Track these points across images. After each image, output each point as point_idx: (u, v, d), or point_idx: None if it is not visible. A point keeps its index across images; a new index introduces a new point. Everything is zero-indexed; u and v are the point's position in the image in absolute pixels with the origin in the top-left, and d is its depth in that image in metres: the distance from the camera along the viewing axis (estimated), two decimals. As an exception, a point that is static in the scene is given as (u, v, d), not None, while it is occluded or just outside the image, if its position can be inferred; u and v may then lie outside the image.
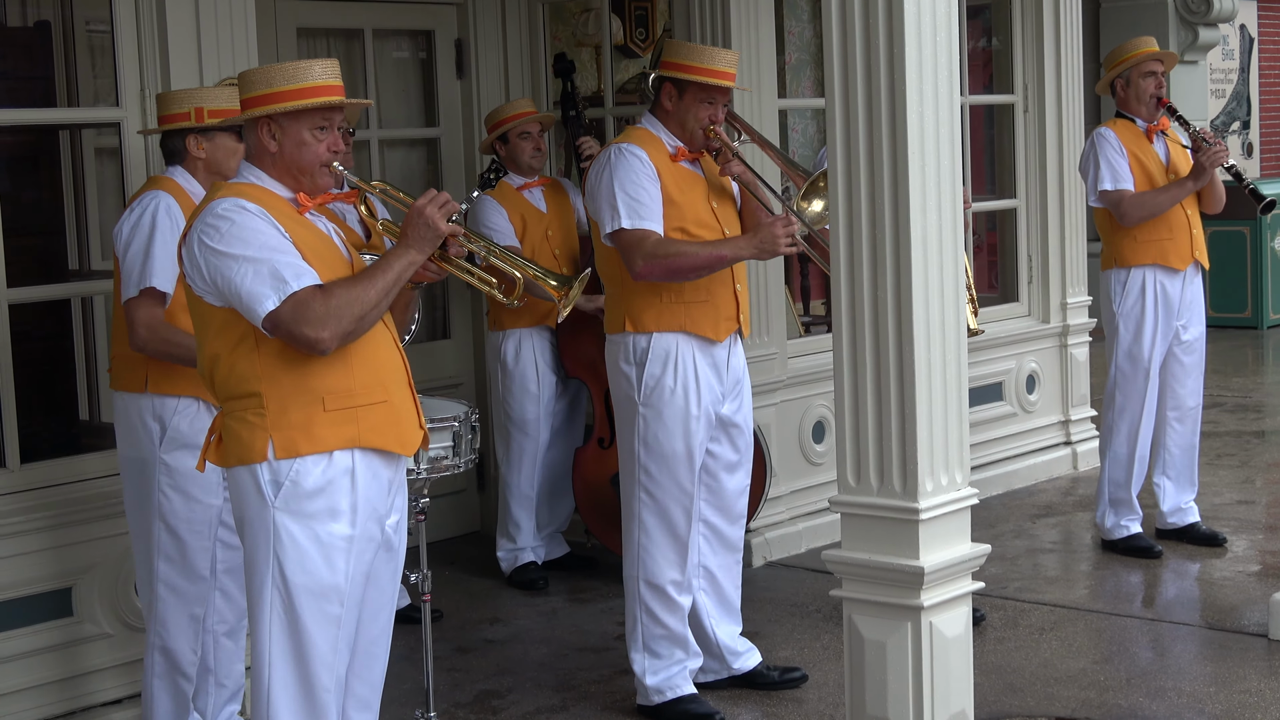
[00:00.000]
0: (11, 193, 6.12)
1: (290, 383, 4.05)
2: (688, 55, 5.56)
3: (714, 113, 5.56)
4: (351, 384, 4.11)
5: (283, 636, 4.10)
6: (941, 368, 4.33)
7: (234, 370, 4.07)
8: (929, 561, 4.29)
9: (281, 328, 3.96)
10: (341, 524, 4.09)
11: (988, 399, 8.83)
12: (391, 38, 8.21)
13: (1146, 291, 7.27)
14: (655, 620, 5.60)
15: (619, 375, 5.58)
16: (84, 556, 5.60)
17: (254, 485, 4.06)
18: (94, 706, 5.64)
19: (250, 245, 3.99)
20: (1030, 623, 6.58)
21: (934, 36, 4.27)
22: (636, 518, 5.58)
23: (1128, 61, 7.32)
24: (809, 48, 10.00)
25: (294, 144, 4.17)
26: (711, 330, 5.54)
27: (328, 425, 4.07)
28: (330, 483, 4.07)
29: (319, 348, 3.99)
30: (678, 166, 5.56)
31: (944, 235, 4.32)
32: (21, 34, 7.23)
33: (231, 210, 4.03)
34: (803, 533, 7.73)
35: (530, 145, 7.25)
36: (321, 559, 4.08)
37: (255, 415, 4.05)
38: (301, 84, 4.13)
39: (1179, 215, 7.23)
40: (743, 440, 5.75)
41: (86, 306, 6.48)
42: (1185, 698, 5.70)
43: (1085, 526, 8.10)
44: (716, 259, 5.42)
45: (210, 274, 4.01)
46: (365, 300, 4.02)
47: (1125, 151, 7.21)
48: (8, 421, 5.55)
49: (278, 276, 3.96)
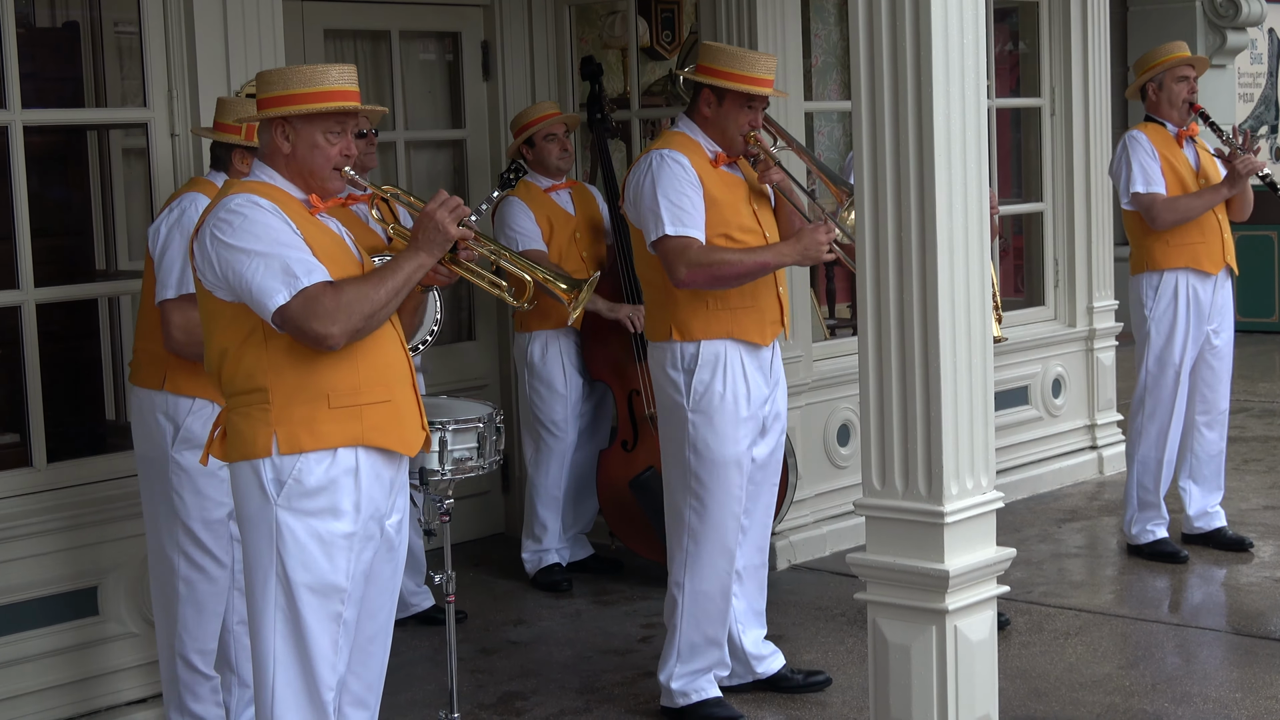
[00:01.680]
0: (39, 193, 6.12)
1: (296, 379, 4.07)
2: (728, 61, 5.48)
3: (754, 118, 5.54)
4: (356, 382, 4.13)
5: (285, 634, 4.11)
6: (967, 370, 4.31)
7: (241, 365, 4.09)
8: (954, 565, 4.28)
9: (291, 322, 3.98)
10: (344, 522, 4.11)
11: (1013, 403, 8.80)
12: (418, 39, 8.22)
13: (1179, 295, 7.24)
14: (697, 627, 5.59)
15: (665, 381, 5.54)
16: (109, 556, 5.61)
17: (256, 482, 4.08)
18: (118, 706, 5.65)
19: (262, 240, 4.01)
20: (1055, 627, 6.55)
21: (961, 39, 4.26)
22: (686, 525, 5.55)
23: (1160, 66, 7.28)
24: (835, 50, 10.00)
25: (307, 146, 4.18)
26: (758, 335, 5.53)
27: (331, 422, 4.09)
28: (333, 480, 4.09)
29: (327, 343, 4.00)
30: (718, 171, 5.54)
31: (970, 238, 4.31)
32: (50, 35, 7.25)
33: (244, 205, 4.06)
34: (827, 536, 7.72)
35: (557, 147, 7.25)
36: (323, 557, 4.10)
37: (260, 410, 4.07)
38: (318, 88, 4.14)
39: (1210, 219, 7.22)
40: (778, 441, 5.74)
41: (113, 307, 6.49)
42: (1211, 704, 5.67)
43: (1110, 531, 8.07)
44: (760, 265, 5.42)
45: (221, 268, 4.03)
46: (375, 299, 4.04)
47: (1157, 155, 7.19)
48: (34, 421, 5.57)
49: (289, 271, 3.99)
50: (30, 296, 5.58)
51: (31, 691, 5.44)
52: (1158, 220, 7.16)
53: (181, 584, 5.14)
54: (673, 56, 10.22)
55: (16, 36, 5.53)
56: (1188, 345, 7.27)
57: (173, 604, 5.16)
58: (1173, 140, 7.27)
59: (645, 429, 7.21)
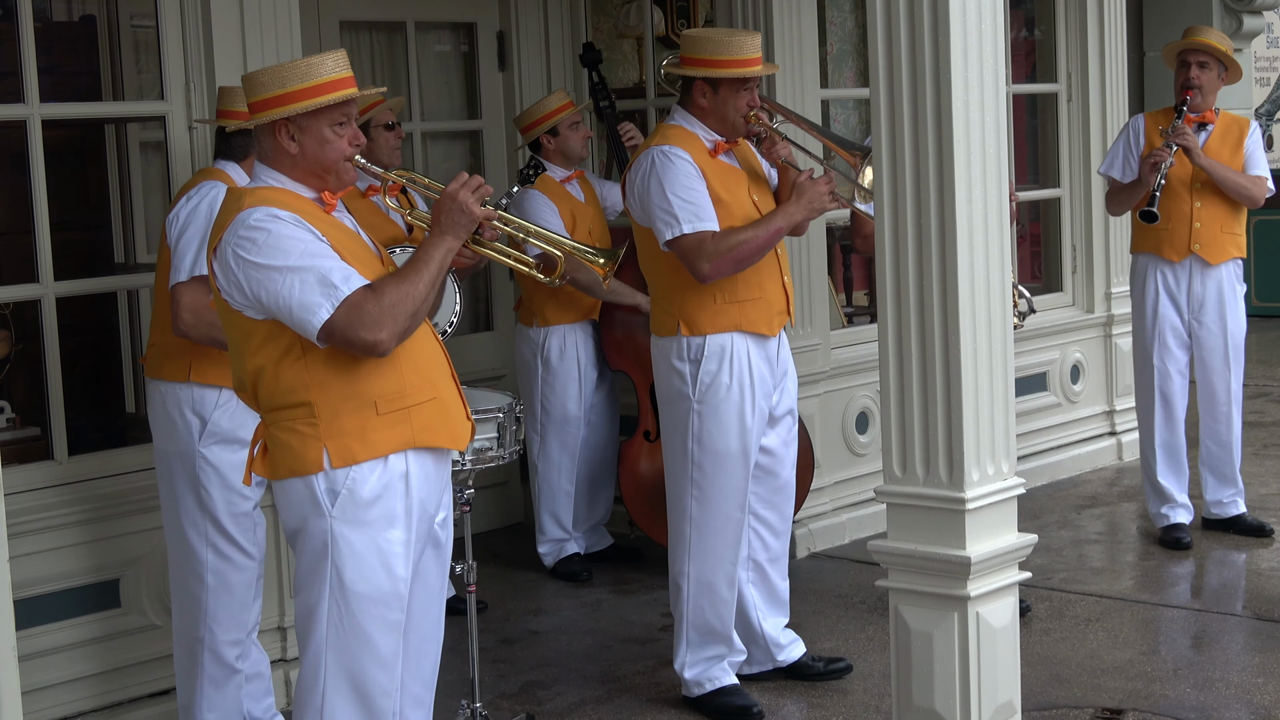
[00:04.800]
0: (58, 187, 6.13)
1: (340, 389, 3.99)
2: (715, 49, 5.43)
3: (751, 99, 5.52)
4: (402, 385, 4.05)
5: (340, 645, 4.05)
6: (988, 356, 4.31)
7: (280, 381, 4.00)
8: (975, 551, 4.28)
9: (338, 334, 3.89)
10: (398, 529, 4.06)
11: (1032, 389, 8.80)
12: (433, 30, 8.22)
13: (1147, 279, 7.37)
14: (701, 616, 5.60)
15: (670, 372, 5.53)
16: (131, 548, 5.63)
17: (309, 496, 4.01)
18: (141, 698, 5.67)
19: (291, 255, 3.90)
20: (1076, 613, 6.55)
21: (979, 24, 4.25)
22: (687, 514, 5.56)
23: (1171, 48, 7.31)
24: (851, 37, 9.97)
25: (316, 143, 4.07)
26: (765, 326, 5.52)
27: (382, 429, 4.02)
28: (386, 488, 4.03)
29: (378, 350, 3.92)
30: (718, 162, 5.52)
31: (989, 224, 4.31)
32: (67, 29, 7.27)
33: (265, 220, 3.94)
34: (846, 524, 7.72)
35: (582, 134, 7.23)
36: (381, 566, 4.04)
37: (306, 425, 3.99)
38: (316, 80, 4.02)
39: (1180, 206, 7.21)
40: (790, 431, 5.74)
41: (133, 300, 6.51)
42: (1233, 689, 5.67)
43: (1130, 517, 8.06)
44: (775, 232, 5.41)
45: (252, 288, 3.92)
46: (416, 295, 3.95)
47: (1143, 140, 7.28)
48: (55, 414, 5.58)
49: (326, 283, 3.89)
50: (50, 290, 5.59)
51: (56, 684, 5.45)
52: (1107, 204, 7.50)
53: (211, 576, 5.13)
54: (688, 46, 10.19)
55: (34, 31, 5.53)
56: (1157, 330, 7.34)
57: (199, 597, 5.15)
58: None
59: (665, 419, 7.20)
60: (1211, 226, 7.24)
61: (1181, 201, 7.21)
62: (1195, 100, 7.22)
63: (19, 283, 5.78)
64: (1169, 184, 7.16)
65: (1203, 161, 7.11)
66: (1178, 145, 7.08)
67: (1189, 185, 7.22)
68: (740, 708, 5.60)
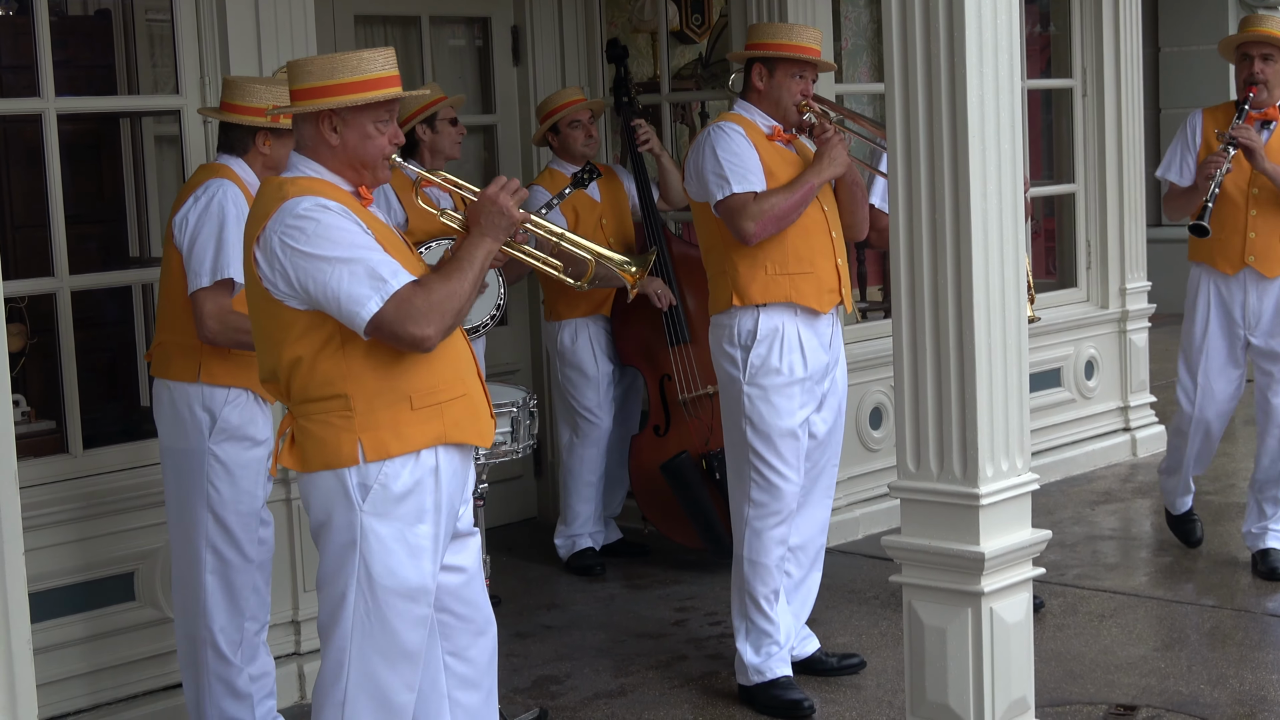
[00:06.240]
0: (73, 181, 6.16)
1: (376, 383, 4.00)
2: (774, 35, 5.68)
3: (805, 87, 5.66)
4: (435, 380, 4.07)
5: (365, 639, 4.06)
6: (1002, 351, 4.30)
7: (316, 373, 4.00)
8: (989, 547, 4.28)
9: (386, 328, 3.90)
10: (426, 524, 4.07)
11: (1046, 385, 8.78)
12: (448, 25, 8.22)
13: (1199, 292, 6.90)
14: (758, 599, 5.61)
15: (722, 356, 5.61)
16: (145, 542, 5.64)
17: (340, 489, 4.01)
18: (155, 690, 5.67)
19: (340, 245, 3.92)
20: (1090, 609, 6.54)
21: (994, 19, 4.25)
22: (747, 497, 5.61)
23: (1229, 41, 6.87)
24: (865, 33, 9.97)
25: (359, 137, 4.08)
26: (815, 301, 5.57)
27: (416, 424, 4.03)
28: (418, 483, 4.04)
29: (425, 345, 3.94)
30: (774, 145, 5.64)
31: (1004, 220, 4.30)
32: (82, 23, 7.29)
33: (314, 210, 3.94)
34: (860, 519, 7.72)
35: (581, 134, 7.24)
36: (409, 560, 4.05)
37: (341, 417, 3.99)
38: (365, 75, 4.04)
39: (1235, 216, 6.71)
40: (837, 418, 5.79)
41: (147, 294, 6.51)
42: (1247, 685, 5.66)
43: (1145, 513, 8.05)
44: (808, 189, 5.52)
45: (299, 278, 3.92)
46: (461, 293, 3.98)
47: (1200, 139, 6.82)
48: (70, 408, 5.59)
49: (376, 276, 3.90)
50: (65, 284, 5.59)
51: (71, 677, 5.46)
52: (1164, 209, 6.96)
53: (210, 576, 5.13)
54: (702, 40, 10.20)
55: (49, 25, 5.54)
56: (1208, 339, 6.87)
57: (199, 596, 5.15)
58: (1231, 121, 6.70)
59: (677, 414, 7.21)
60: (1269, 237, 6.71)
61: (1235, 210, 6.70)
62: (1260, 96, 6.68)
63: (34, 276, 5.79)
64: (1223, 189, 6.62)
65: (1265, 165, 6.54)
66: (1238, 146, 6.55)
67: (1245, 191, 6.71)
68: (791, 702, 5.60)
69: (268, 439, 5.18)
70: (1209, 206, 6.52)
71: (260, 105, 5.09)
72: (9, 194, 6.83)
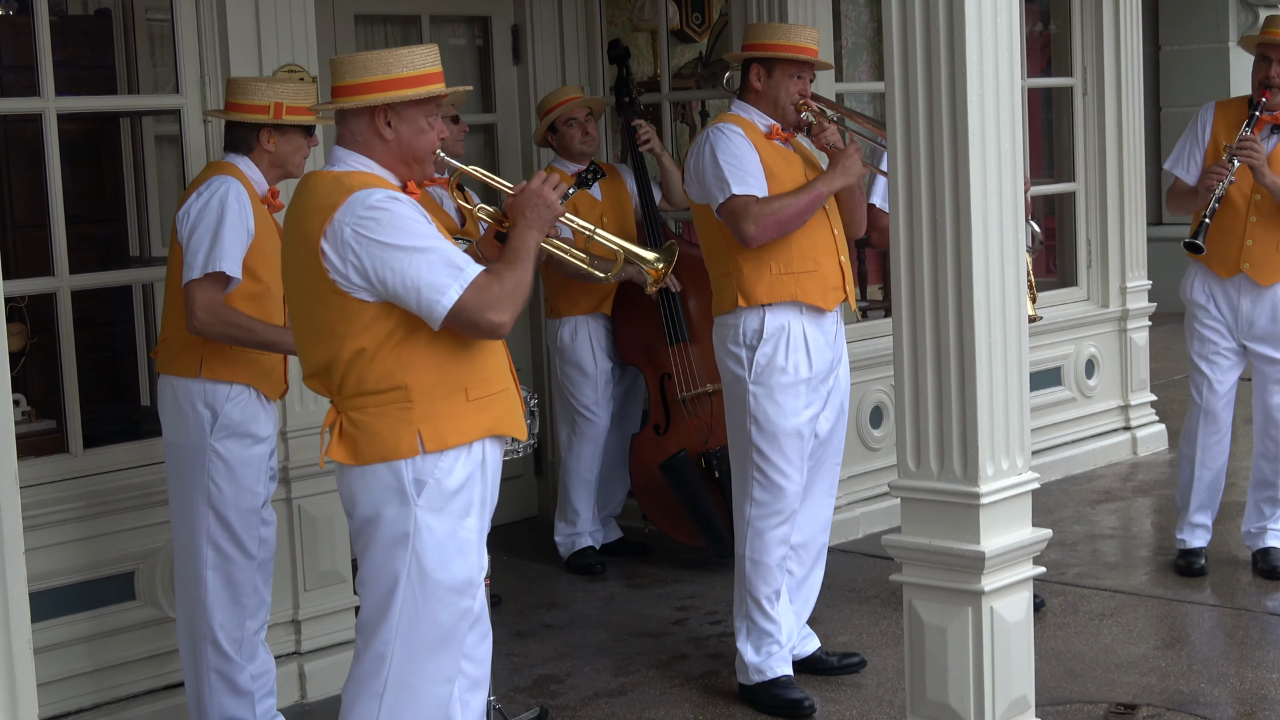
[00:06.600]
0: (73, 180, 6.15)
1: (435, 375, 4.04)
2: (772, 35, 5.71)
3: (803, 87, 5.69)
4: (486, 373, 4.13)
5: (412, 633, 4.08)
6: (1002, 350, 4.30)
7: (377, 364, 4.02)
8: (990, 546, 4.27)
9: (464, 314, 3.94)
10: (473, 518, 4.13)
11: (1047, 384, 8.78)
12: (448, 24, 8.22)
13: (1196, 291, 6.84)
14: (759, 599, 5.62)
15: (727, 355, 5.62)
16: (146, 541, 5.64)
17: (395, 483, 4.04)
18: (156, 690, 5.67)
19: (415, 235, 3.96)
20: (1090, 608, 6.54)
21: (994, 17, 4.24)
22: (750, 496, 5.61)
23: (1250, 38, 6.76)
24: (865, 32, 9.97)
25: (412, 132, 4.13)
26: (821, 299, 5.59)
27: (470, 415, 4.08)
28: (469, 477, 4.09)
29: (499, 332, 4.01)
30: (773, 144, 5.65)
31: (1004, 218, 4.30)
32: (83, 22, 7.29)
33: (386, 201, 3.98)
34: (860, 518, 7.72)
35: (578, 132, 7.24)
36: (459, 554, 4.10)
37: (399, 409, 4.02)
38: (419, 70, 4.10)
39: (1235, 221, 6.62)
40: (840, 416, 5.80)
41: (148, 293, 6.52)
42: (1248, 684, 5.66)
43: (1145, 512, 8.05)
44: (815, 197, 5.54)
45: (376, 268, 3.94)
46: (526, 281, 4.06)
47: (1209, 135, 6.73)
48: (70, 407, 5.59)
49: (453, 264, 3.95)
50: (65, 283, 5.59)
51: (71, 676, 5.46)
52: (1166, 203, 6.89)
53: (211, 573, 5.14)
54: (702, 39, 10.20)
55: (50, 24, 5.54)
56: (1208, 343, 6.82)
57: (199, 593, 5.15)
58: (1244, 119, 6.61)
59: (677, 413, 7.21)
60: (1266, 245, 6.63)
61: (1236, 215, 6.61)
62: (1274, 100, 6.57)
63: (34, 276, 5.79)
64: (1225, 194, 6.54)
65: (1268, 180, 6.49)
66: (1241, 161, 6.48)
67: (1247, 197, 6.62)
68: (792, 701, 5.61)
69: (269, 436, 5.19)
70: (1206, 223, 6.48)
71: (263, 102, 5.11)
72: (9, 193, 6.84)
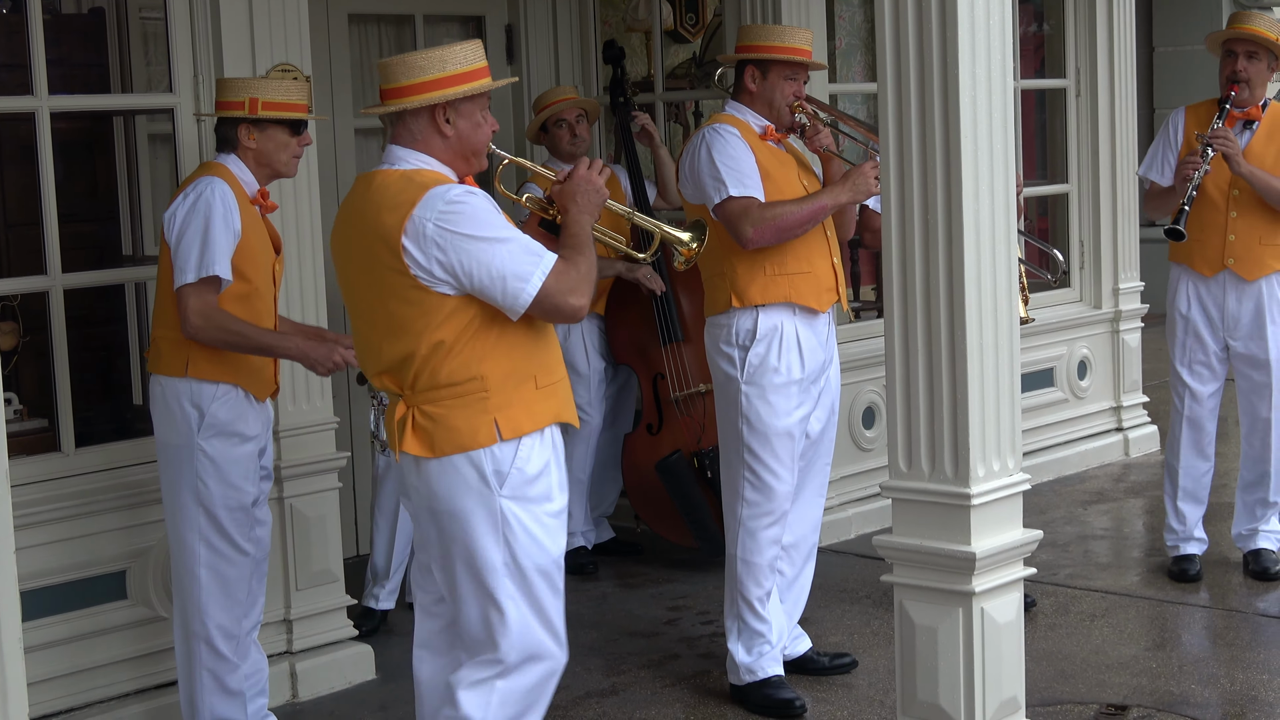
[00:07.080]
0: (66, 179, 6.14)
1: (509, 364, 4.12)
2: (766, 36, 5.71)
3: (798, 88, 5.69)
4: (550, 360, 4.23)
5: (520, 617, 4.18)
6: (994, 351, 4.31)
7: (454, 356, 4.08)
8: (981, 547, 4.28)
9: (548, 300, 4.04)
10: (554, 502, 4.22)
11: (1039, 385, 8.79)
12: (442, 24, 8.22)
13: (1179, 293, 6.79)
14: (750, 599, 5.63)
15: (719, 356, 5.63)
16: (138, 540, 5.63)
17: (475, 474, 4.11)
18: (148, 689, 5.67)
19: (494, 227, 4.05)
20: (1081, 609, 6.55)
21: (987, 19, 4.25)
22: (741, 497, 5.62)
23: (1216, 36, 6.76)
24: (859, 32, 9.97)
25: (471, 126, 4.20)
26: (814, 300, 5.60)
27: (540, 401, 4.18)
28: (546, 463, 4.18)
29: (579, 315, 4.12)
30: (767, 145, 5.66)
31: (996, 220, 4.30)
32: (76, 21, 7.27)
33: (464, 195, 4.07)
34: (852, 519, 7.72)
35: (566, 133, 7.24)
36: (546, 537, 4.19)
37: (477, 399, 4.09)
38: (472, 66, 4.18)
39: (1215, 218, 6.60)
40: (830, 418, 5.80)
41: (140, 292, 6.51)
42: (1238, 685, 5.66)
43: (1137, 513, 8.05)
44: (819, 208, 5.54)
45: (461, 260, 4.01)
46: (594, 263, 4.17)
47: (1181, 138, 6.71)
48: (62, 406, 5.59)
49: (532, 252, 4.05)
50: (58, 282, 5.59)
51: (62, 675, 5.46)
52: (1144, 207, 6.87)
53: (204, 570, 5.14)
54: (696, 39, 10.20)
55: (43, 23, 5.53)
56: (1187, 347, 6.80)
57: (193, 591, 5.15)
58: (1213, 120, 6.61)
59: (670, 413, 7.22)
60: (1248, 239, 6.61)
61: (1215, 211, 6.60)
62: (1241, 95, 6.59)
63: (27, 274, 5.79)
64: (1203, 190, 6.54)
65: (1243, 169, 6.45)
66: (1215, 150, 6.46)
67: (1225, 193, 6.60)
68: (783, 701, 5.61)
69: (257, 435, 5.20)
70: (1185, 210, 6.46)
71: (238, 98, 5.14)
72: (2, 192, 6.82)
